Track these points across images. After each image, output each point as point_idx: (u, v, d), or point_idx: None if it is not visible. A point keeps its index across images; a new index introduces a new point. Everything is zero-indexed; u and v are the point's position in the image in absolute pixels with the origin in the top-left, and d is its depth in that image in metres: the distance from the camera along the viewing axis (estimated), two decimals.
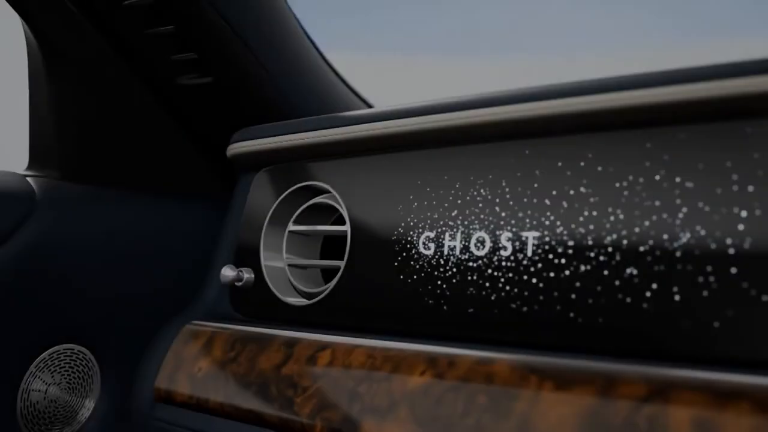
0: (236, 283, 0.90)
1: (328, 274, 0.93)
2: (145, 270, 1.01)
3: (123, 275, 0.99)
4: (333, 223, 0.92)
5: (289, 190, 0.89)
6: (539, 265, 0.69)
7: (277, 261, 0.91)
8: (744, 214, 0.59)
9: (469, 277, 0.73)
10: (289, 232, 0.91)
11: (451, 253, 0.74)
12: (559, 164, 0.70)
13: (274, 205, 0.90)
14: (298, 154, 0.90)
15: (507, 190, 0.72)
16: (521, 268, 0.70)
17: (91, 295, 0.97)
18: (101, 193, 1.00)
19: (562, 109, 0.69)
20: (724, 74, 0.61)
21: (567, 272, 0.67)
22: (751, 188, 0.59)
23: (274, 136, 0.90)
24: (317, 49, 1.07)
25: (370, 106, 1.18)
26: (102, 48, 0.90)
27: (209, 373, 0.85)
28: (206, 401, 0.83)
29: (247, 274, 0.90)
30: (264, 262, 0.90)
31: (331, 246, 0.95)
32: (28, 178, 0.96)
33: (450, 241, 0.75)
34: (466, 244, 0.74)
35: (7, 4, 0.87)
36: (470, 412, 0.64)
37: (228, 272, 0.89)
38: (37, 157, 1.00)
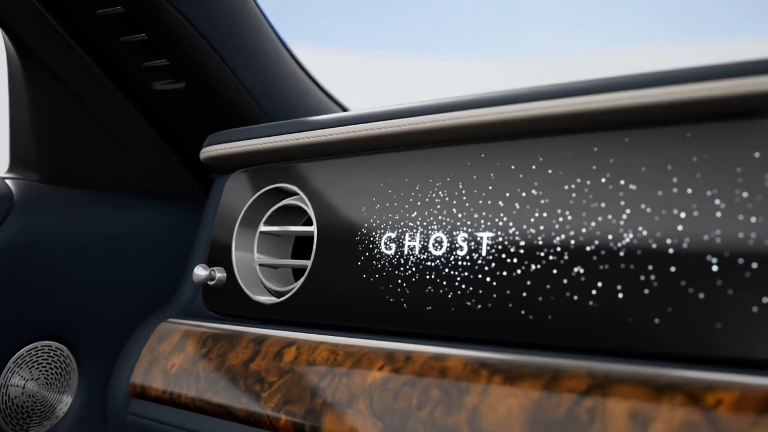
0: (209, 282, 0.91)
1: (299, 273, 0.95)
2: (123, 270, 1.03)
3: (101, 275, 1.01)
4: (305, 224, 0.94)
5: (259, 193, 0.91)
6: (493, 264, 0.71)
7: (248, 261, 0.92)
8: (683, 215, 0.61)
9: (428, 276, 0.74)
10: (260, 232, 0.93)
11: (411, 252, 0.76)
12: (512, 167, 0.72)
13: (245, 207, 0.92)
14: (268, 157, 0.91)
15: (463, 192, 0.74)
16: (476, 267, 0.72)
17: (70, 293, 0.98)
18: (80, 195, 1.02)
19: (514, 114, 0.71)
20: (664, 82, 0.63)
21: (518, 271, 0.69)
22: (689, 191, 0.62)
23: (245, 139, 0.92)
24: (291, 53, 1.09)
25: (344, 109, 1.20)
26: (78, 54, 0.91)
27: (182, 369, 0.87)
28: (179, 396, 0.85)
29: (220, 274, 0.92)
30: (235, 261, 0.92)
31: (305, 246, 0.97)
32: (7, 181, 0.98)
33: (410, 241, 0.77)
34: (425, 244, 0.75)
35: None
36: (425, 405, 0.66)
37: (200, 271, 0.90)
38: (17, 161, 1.02)
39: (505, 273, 0.70)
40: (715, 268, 0.59)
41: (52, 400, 0.97)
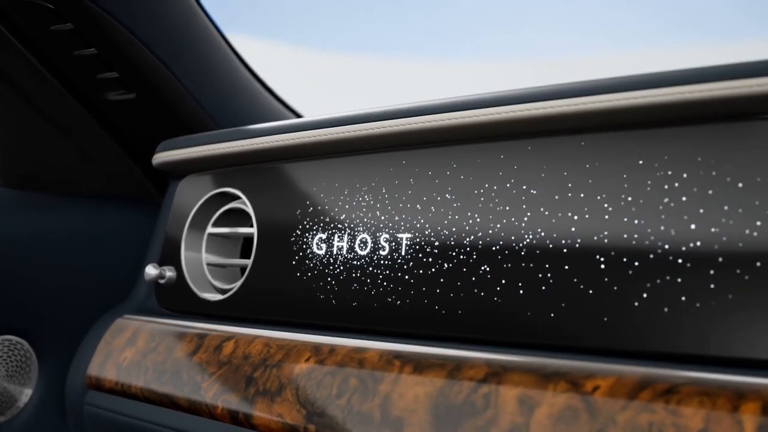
0: (159, 281, 0.95)
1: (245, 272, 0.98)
2: (82, 269, 1.06)
3: (61, 273, 1.04)
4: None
5: (206, 197, 0.95)
6: (411, 263, 0.74)
7: (197, 260, 0.96)
8: (576, 218, 0.65)
9: (354, 274, 0.78)
10: (209, 234, 0.96)
11: (339, 252, 0.80)
12: (429, 173, 0.75)
13: (194, 210, 0.96)
14: (214, 163, 0.95)
15: (386, 196, 0.78)
16: (396, 265, 0.75)
17: (31, 291, 1.02)
18: (40, 199, 1.05)
19: (429, 124, 0.75)
20: (560, 95, 0.67)
21: (433, 269, 0.73)
22: (582, 195, 0.66)
23: (193, 146, 0.95)
24: (244, 62, 1.12)
25: (297, 114, 1.23)
26: (35, 67, 0.95)
27: (133, 362, 0.90)
28: (129, 387, 0.89)
29: (170, 273, 0.95)
30: (184, 261, 0.95)
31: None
32: None
33: (338, 242, 0.80)
34: (352, 244, 0.79)
35: None
36: (343, 394, 0.70)
37: (151, 270, 0.94)
38: None
39: (421, 271, 0.73)
40: (602, 266, 0.63)
41: (13, 392, 1.00)
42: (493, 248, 0.69)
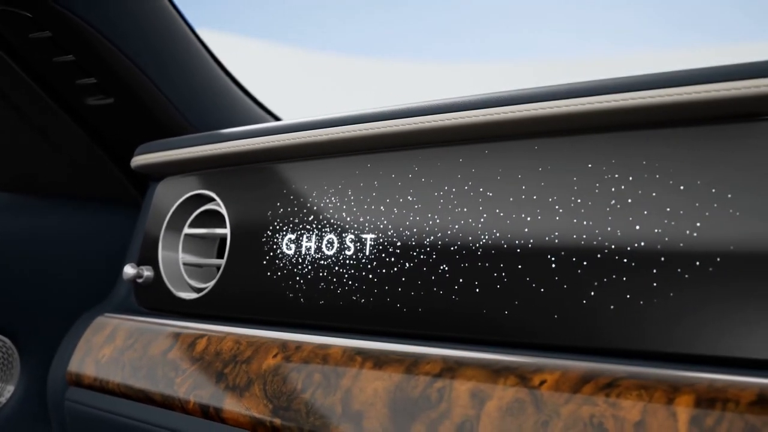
0: (138, 280, 0.97)
1: None
2: (64, 269, 1.08)
3: (44, 273, 1.06)
4: None
5: (182, 199, 0.97)
6: (374, 263, 0.76)
7: (173, 260, 0.98)
8: (529, 219, 0.67)
9: (321, 274, 0.80)
10: (185, 234, 0.98)
11: (307, 252, 0.82)
12: (393, 176, 0.77)
13: (170, 211, 0.97)
14: (190, 165, 0.97)
15: (352, 198, 0.80)
16: (360, 265, 0.77)
17: (14, 290, 1.03)
18: (23, 201, 1.07)
19: (392, 129, 0.76)
20: (513, 101, 0.69)
21: (395, 269, 0.75)
22: (534, 197, 0.67)
23: (170, 150, 0.97)
24: (221, 66, 1.14)
25: (276, 118, 1.25)
26: (17, 73, 0.96)
27: (111, 359, 0.92)
28: (107, 383, 0.91)
29: (148, 272, 0.97)
30: (162, 261, 0.97)
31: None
32: None
33: (307, 242, 0.82)
34: (319, 245, 0.81)
35: None
36: (308, 388, 0.71)
37: (129, 270, 0.96)
38: None
39: (383, 270, 0.75)
40: (553, 265, 0.65)
41: None
42: (452, 248, 0.71)
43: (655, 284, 0.60)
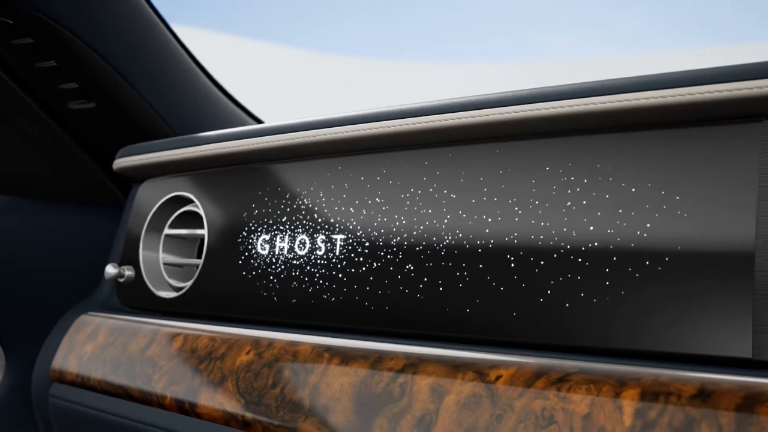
0: (119, 279, 0.98)
1: None
2: (50, 268, 1.10)
3: (29, 273, 1.08)
4: None
5: (162, 200, 0.98)
6: (344, 262, 0.78)
7: (154, 260, 0.99)
8: (489, 220, 0.69)
9: (293, 273, 0.82)
10: (166, 235, 0.99)
11: (281, 252, 0.84)
12: (362, 178, 0.79)
13: (151, 213, 0.99)
14: (169, 168, 0.98)
15: (323, 199, 0.81)
16: (330, 264, 0.79)
17: (0, 290, 1.05)
18: (10, 202, 1.08)
19: (360, 132, 0.78)
20: (475, 106, 0.71)
21: (363, 268, 0.76)
22: (495, 199, 0.69)
23: (150, 152, 0.99)
24: (203, 69, 1.15)
25: (258, 120, 1.27)
26: (1, 78, 0.98)
27: (92, 356, 0.94)
28: (88, 379, 0.92)
29: (129, 272, 0.99)
30: (142, 261, 0.99)
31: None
32: None
33: (280, 242, 0.84)
34: (292, 245, 0.83)
35: None
36: (278, 384, 0.73)
37: (110, 270, 0.97)
38: None
39: (353, 270, 0.77)
40: (512, 265, 0.67)
41: None
42: (417, 248, 0.73)
43: (607, 283, 0.62)
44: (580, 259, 0.64)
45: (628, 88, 0.63)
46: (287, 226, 0.84)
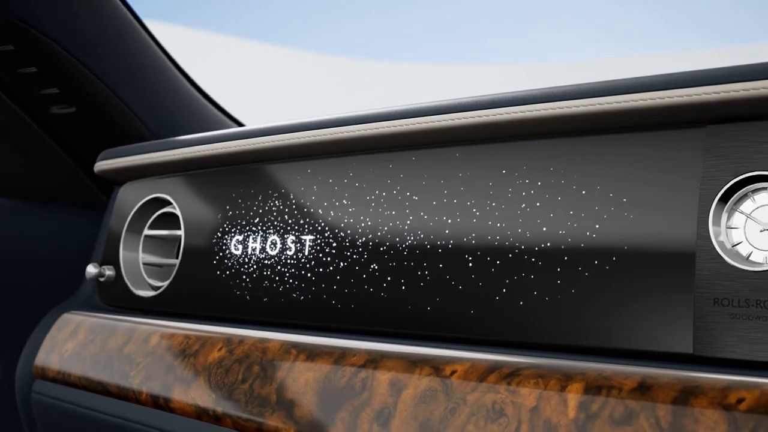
0: (100, 279, 1.00)
1: None
2: (34, 268, 1.12)
3: (14, 273, 1.10)
4: None
5: (141, 202, 1.00)
6: (313, 262, 0.80)
7: (134, 260, 1.01)
8: (449, 221, 0.71)
9: (264, 273, 0.84)
10: (145, 235, 1.01)
11: (253, 252, 0.86)
12: (330, 181, 0.81)
13: (131, 214, 1.01)
14: (148, 170, 1.00)
15: (294, 201, 0.83)
16: (300, 264, 0.81)
17: None
18: None
19: (328, 137, 0.80)
20: (434, 112, 0.73)
21: (331, 267, 0.78)
22: (455, 201, 0.71)
23: (129, 155, 1.00)
24: (184, 73, 1.17)
25: (239, 123, 1.29)
26: None
27: (72, 353, 0.95)
28: (69, 376, 0.94)
29: (109, 272, 1.00)
30: (122, 261, 1.00)
31: None
32: None
33: (252, 243, 0.86)
34: (264, 245, 0.85)
35: None
36: (247, 379, 0.75)
37: (91, 269, 0.99)
38: None
39: (321, 269, 0.79)
40: (470, 264, 0.69)
41: None
42: (381, 248, 0.75)
43: (558, 282, 0.64)
44: (533, 259, 0.66)
45: (577, 94, 0.65)
46: (259, 227, 0.86)
